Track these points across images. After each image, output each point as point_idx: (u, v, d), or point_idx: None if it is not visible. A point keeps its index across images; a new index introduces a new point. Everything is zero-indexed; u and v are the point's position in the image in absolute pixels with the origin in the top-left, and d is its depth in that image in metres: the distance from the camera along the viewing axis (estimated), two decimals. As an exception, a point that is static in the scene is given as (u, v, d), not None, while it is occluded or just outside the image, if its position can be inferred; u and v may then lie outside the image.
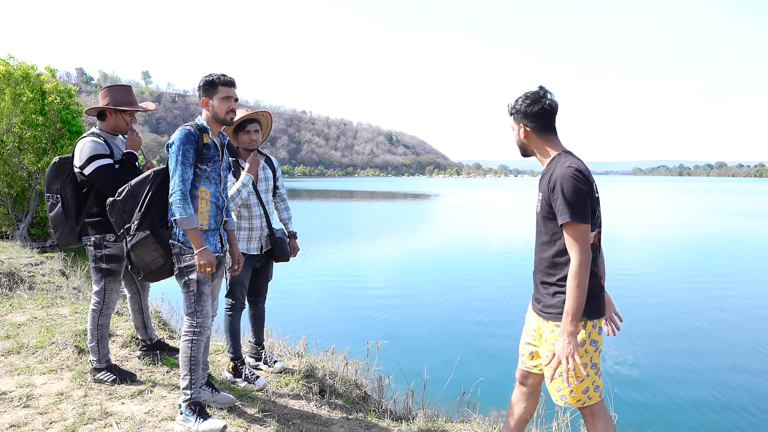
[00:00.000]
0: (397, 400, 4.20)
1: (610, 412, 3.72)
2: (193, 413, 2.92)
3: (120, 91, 3.62)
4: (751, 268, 14.21)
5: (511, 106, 2.56)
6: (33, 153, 14.20)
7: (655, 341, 8.01)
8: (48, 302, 5.84)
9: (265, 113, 3.87)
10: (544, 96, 2.47)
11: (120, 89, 3.64)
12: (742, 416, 5.59)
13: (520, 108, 2.51)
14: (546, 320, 2.47)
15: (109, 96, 3.58)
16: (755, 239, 21.00)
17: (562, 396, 2.44)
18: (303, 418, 3.39)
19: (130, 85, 3.73)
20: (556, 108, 2.48)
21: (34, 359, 3.97)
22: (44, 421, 3.01)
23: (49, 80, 15.10)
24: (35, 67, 14.63)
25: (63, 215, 3.47)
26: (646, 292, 11.11)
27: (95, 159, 3.40)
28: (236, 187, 3.63)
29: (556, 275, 2.45)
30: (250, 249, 3.76)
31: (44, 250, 13.17)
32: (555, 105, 2.47)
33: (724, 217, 31.26)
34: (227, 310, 3.81)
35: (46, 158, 14.05)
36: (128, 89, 3.68)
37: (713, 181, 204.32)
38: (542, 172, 2.54)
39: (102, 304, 3.56)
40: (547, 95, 2.47)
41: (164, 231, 2.97)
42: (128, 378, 3.60)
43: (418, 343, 7.80)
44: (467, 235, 22.38)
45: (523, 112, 2.50)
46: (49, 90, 14.52)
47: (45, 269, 8.36)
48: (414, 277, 13.14)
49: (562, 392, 2.43)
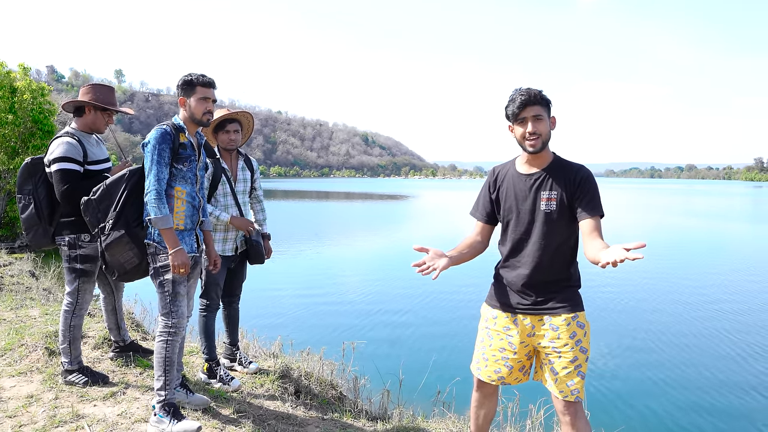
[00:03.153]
0: (373, 400, 4.22)
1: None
2: (168, 414, 2.90)
3: (103, 90, 3.59)
4: (720, 265, 14.62)
5: (544, 97, 2.47)
6: (4, 152, 13.87)
7: (620, 339, 8.20)
8: (17, 304, 5.72)
9: (246, 114, 3.86)
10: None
11: (103, 88, 3.61)
12: (712, 413, 5.76)
13: (551, 102, 2.50)
14: (554, 316, 2.49)
15: (91, 93, 3.54)
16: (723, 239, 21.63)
17: (576, 390, 2.45)
18: (278, 418, 3.39)
19: (113, 87, 3.70)
20: None
21: (3, 362, 3.89)
22: (13, 425, 2.96)
23: (22, 78, 14.78)
24: (5, 64, 14.30)
25: (36, 217, 3.41)
26: (618, 290, 11.34)
27: (64, 161, 3.35)
28: (216, 215, 3.62)
29: (568, 270, 2.54)
30: (225, 250, 3.75)
31: (13, 251, 12.86)
32: None
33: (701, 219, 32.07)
34: (201, 311, 3.78)
35: (18, 159, 13.75)
36: (111, 90, 3.65)
37: (684, 183, 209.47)
38: (547, 171, 2.52)
39: (75, 305, 3.50)
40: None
41: (139, 230, 2.95)
42: (100, 380, 3.55)
43: (393, 344, 7.84)
44: (443, 236, 22.51)
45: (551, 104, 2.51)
46: (21, 88, 14.21)
47: (14, 270, 8.17)
48: (390, 277, 13.18)
49: (575, 386, 2.45)
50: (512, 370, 2.61)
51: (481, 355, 2.69)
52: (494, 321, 2.66)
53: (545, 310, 2.52)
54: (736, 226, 28.67)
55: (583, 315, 2.52)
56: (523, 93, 2.44)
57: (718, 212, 38.89)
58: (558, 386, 2.47)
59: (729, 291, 11.70)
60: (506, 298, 2.62)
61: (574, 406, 2.47)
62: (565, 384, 2.45)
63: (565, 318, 2.47)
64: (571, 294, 2.53)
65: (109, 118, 3.62)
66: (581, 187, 2.44)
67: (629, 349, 7.77)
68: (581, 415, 2.49)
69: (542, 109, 2.45)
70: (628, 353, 7.61)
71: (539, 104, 2.44)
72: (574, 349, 2.45)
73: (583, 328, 2.49)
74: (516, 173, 2.60)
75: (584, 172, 2.49)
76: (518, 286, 2.57)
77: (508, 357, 2.60)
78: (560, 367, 2.46)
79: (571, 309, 2.49)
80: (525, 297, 2.56)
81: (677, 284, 12.44)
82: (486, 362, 2.67)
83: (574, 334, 2.46)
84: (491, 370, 2.65)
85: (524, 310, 2.56)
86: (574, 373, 2.44)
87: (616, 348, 7.80)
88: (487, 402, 2.79)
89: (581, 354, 2.46)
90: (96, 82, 3.85)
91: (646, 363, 7.22)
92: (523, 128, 2.46)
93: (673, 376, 6.76)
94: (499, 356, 2.62)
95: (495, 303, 2.67)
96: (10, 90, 14.01)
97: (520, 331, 2.57)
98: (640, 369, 7.01)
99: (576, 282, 2.59)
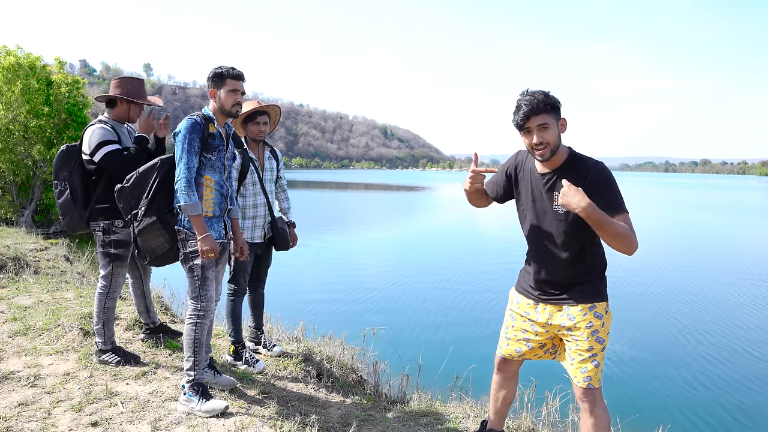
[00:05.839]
0: (392, 385, 4.31)
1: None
2: (196, 394, 3.02)
3: (134, 83, 3.73)
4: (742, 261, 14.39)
5: (549, 103, 2.37)
6: (40, 143, 14.37)
7: (637, 328, 8.16)
8: (53, 286, 5.93)
9: (275, 107, 3.99)
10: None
11: (133, 81, 3.74)
12: (733, 409, 5.74)
13: (556, 102, 2.39)
14: (571, 306, 2.52)
15: (122, 87, 3.68)
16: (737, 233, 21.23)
17: (588, 377, 2.49)
18: (301, 400, 3.51)
19: (143, 79, 3.83)
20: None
21: (41, 341, 4.07)
22: (51, 400, 3.10)
23: (58, 71, 15.29)
24: (41, 58, 14.74)
25: (71, 202, 3.55)
26: (636, 280, 11.26)
27: (104, 145, 3.49)
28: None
29: (586, 265, 2.53)
30: (254, 237, 3.88)
31: (48, 236, 13.31)
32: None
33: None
34: (229, 295, 3.92)
35: (53, 149, 14.22)
36: (141, 82, 3.79)
37: (698, 177, 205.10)
38: (560, 171, 2.47)
39: (109, 287, 3.65)
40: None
41: (170, 217, 3.06)
42: (132, 360, 3.70)
43: (413, 330, 7.92)
44: (463, 225, 22.49)
45: (559, 106, 2.41)
46: (57, 81, 14.69)
47: (50, 255, 8.44)
48: (410, 265, 13.25)
49: (589, 373, 2.49)
50: (533, 348, 2.70)
51: (504, 335, 2.81)
52: (518, 305, 2.76)
53: (563, 300, 2.56)
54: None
55: (602, 306, 2.51)
56: (527, 101, 2.35)
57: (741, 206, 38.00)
58: (573, 372, 2.54)
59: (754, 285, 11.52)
60: (529, 286, 2.70)
61: (592, 393, 2.51)
62: (579, 370, 2.51)
63: (582, 308, 2.50)
64: (590, 286, 2.53)
65: (140, 108, 3.76)
66: (594, 186, 2.36)
67: (648, 338, 7.74)
68: (599, 403, 2.53)
69: (548, 117, 2.35)
70: (648, 342, 7.59)
71: (543, 112, 2.34)
72: (590, 339, 2.48)
73: (600, 318, 2.49)
74: (534, 170, 2.58)
75: (595, 171, 2.41)
76: (537, 279, 2.64)
77: (529, 338, 2.69)
78: (576, 353, 2.51)
79: (589, 299, 2.50)
80: (544, 289, 2.63)
81: (703, 276, 12.28)
82: (508, 341, 2.78)
83: (590, 324, 2.48)
84: (512, 348, 2.76)
85: (545, 299, 2.63)
86: (589, 360, 2.48)
87: (634, 336, 7.78)
88: (506, 384, 2.87)
89: (597, 344, 2.48)
90: (132, 76, 3.98)
91: (665, 352, 7.19)
92: (529, 139, 2.40)
93: (690, 366, 6.73)
94: (521, 336, 2.72)
95: (520, 288, 2.76)
96: (46, 83, 14.45)
97: (540, 317, 2.64)
98: (658, 358, 7.00)
99: (597, 274, 2.56)
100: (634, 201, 38.73)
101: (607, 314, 2.53)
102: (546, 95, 2.36)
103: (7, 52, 14.28)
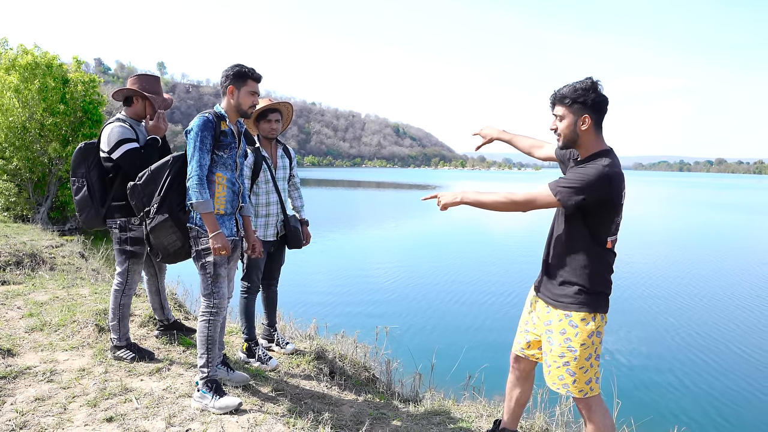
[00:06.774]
0: (405, 383, 4.31)
1: (613, 399, 3.83)
2: (210, 390, 3.03)
3: (149, 80, 3.76)
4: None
5: (570, 97, 2.41)
6: (56, 141, 14.57)
7: (653, 330, 8.08)
8: (69, 283, 5.99)
9: (287, 104, 3.98)
10: (601, 89, 2.42)
11: (149, 78, 3.77)
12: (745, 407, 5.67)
13: (586, 99, 2.39)
14: (554, 308, 2.53)
15: (138, 83, 3.71)
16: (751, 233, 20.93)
17: (565, 385, 2.50)
18: (314, 397, 3.51)
19: (158, 77, 3.85)
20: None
21: (57, 336, 4.12)
22: (67, 395, 3.13)
23: (75, 70, 15.50)
24: (58, 57, 14.94)
25: (88, 198, 3.58)
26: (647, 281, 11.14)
27: (123, 143, 3.52)
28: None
29: (579, 268, 2.49)
30: (267, 235, 3.88)
31: (63, 233, 13.48)
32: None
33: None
34: (243, 293, 3.93)
35: (69, 147, 14.41)
36: (157, 80, 3.81)
37: (713, 177, 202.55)
38: (575, 165, 2.50)
39: (125, 284, 3.68)
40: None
41: (182, 214, 3.07)
42: (147, 356, 3.73)
43: (425, 330, 7.91)
44: (475, 225, 22.40)
45: (589, 104, 2.40)
46: (74, 79, 14.88)
47: (65, 251, 8.52)
48: (422, 264, 13.24)
49: (564, 381, 2.49)
50: (530, 343, 2.74)
51: (517, 328, 2.86)
52: (528, 297, 2.82)
53: (548, 299, 2.59)
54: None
55: (578, 316, 2.45)
56: (554, 92, 2.50)
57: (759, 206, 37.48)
58: (548, 379, 2.56)
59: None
60: (536, 279, 2.76)
61: (585, 402, 2.51)
62: (556, 377, 2.52)
63: (559, 314, 2.51)
64: (573, 292, 2.48)
65: (153, 108, 3.77)
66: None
67: (665, 340, 7.65)
68: (596, 409, 2.51)
69: (564, 109, 2.44)
70: (665, 343, 7.50)
71: (561, 105, 2.46)
72: (561, 346, 2.47)
73: (575, 328, 2.45)
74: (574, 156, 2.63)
75: (582, 167, 2.42)
76: (542, 267, 2.70)
77: (529, 330, 2.75)
78: (551, 358, 2.52)
79: (566, 307, 2.48)
80: (540, 282, 2.68)
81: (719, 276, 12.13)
82: (518, 335, 2.83)
83: (564, 331, 2.48)
84: (517, 340, 2.83)
85: (541, 294, 2.67)
86: (563, 369, 2.48)
87: (651, 337, 7.70)
88: (519, 384, 2.86)
89: (569, 352, 2.45)
90: (147, 73, 4.01)
91: (675, 356, 7.10)
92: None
93: (703, 368, 6.65)
94: (523, 328, 2.80)
95: (535, 281, 2.79)
96: (62, 81, 14.64)
97: (536, 310, 2.69)
98: (668, 360, 6.92)
99: (586, 284, 2.47)
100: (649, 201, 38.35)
101: (582, 325, 2.44)
102: (573, 89, 2.42)
103: (24, 51, 14.52)
